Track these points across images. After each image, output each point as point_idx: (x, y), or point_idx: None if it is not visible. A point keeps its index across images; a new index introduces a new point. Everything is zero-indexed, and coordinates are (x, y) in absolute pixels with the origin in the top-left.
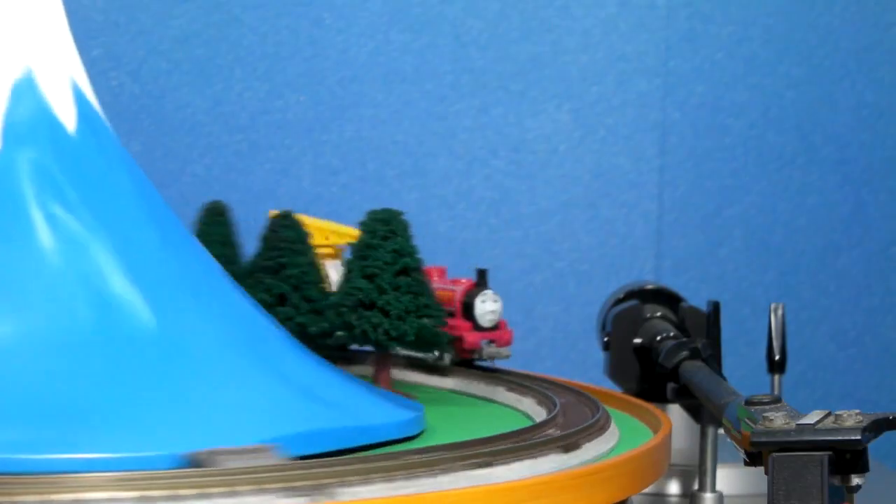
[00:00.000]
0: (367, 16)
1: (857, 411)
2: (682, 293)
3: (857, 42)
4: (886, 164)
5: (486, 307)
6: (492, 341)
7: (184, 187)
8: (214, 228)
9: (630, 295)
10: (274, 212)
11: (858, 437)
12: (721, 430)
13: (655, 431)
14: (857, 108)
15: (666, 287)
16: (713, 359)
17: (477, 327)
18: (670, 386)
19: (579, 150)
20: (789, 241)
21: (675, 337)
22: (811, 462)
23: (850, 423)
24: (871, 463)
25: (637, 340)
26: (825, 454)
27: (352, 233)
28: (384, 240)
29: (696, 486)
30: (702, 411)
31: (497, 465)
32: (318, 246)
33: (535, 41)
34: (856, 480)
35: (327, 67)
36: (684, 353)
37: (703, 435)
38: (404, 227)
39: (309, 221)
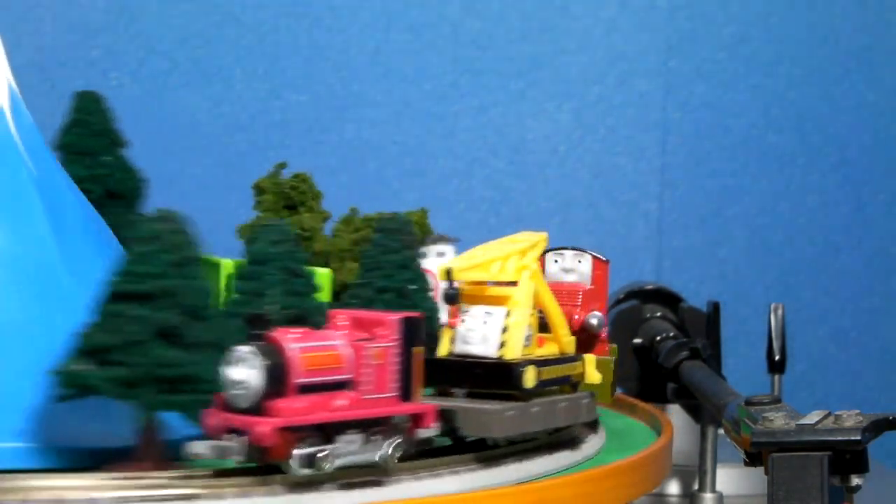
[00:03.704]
0: (367, 16)
1: (857, 411)
2: (682, 293)
3: (857, 42)
4: (886, 164)
5: None
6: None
7: (184, 187)
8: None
9: (630, 295)
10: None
11: (858, 438)
12: (721, 431)
13: (657, 434)
14: (857, 108)
15: (666, 287)
16: (713, 359)
17: None
18: (670, 386)
19: (579, 150)
20: (789, 241)
21: (675, 337)
22: (811, 462)
23: (850, 423)
24: (871, 463)
25: (637, 340)
26: (825, 454)
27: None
28: None
29: (696, 486)
30: (702, 411)
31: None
32: None
33: (535, 41)
34: (856, 481)
35: (327, 67)
36: (684, 353)
37: (703, 435)
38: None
39: None
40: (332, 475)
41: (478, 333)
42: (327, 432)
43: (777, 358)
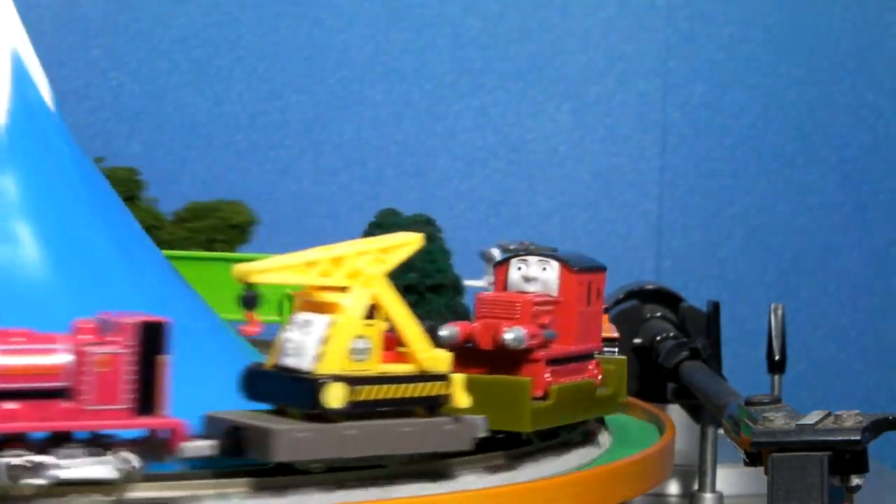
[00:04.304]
0: (367, 16)
1: (857, 411)
2: (682, 293)
3: (857, 42)
4: (886, 164)
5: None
6: None
7: (184, 187)
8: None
9: (630, 295)
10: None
11: (858, 438)
12: (721, 431)
13: (660, 433)
14: (857, 108)
15: (666, 287)
16: (713, 359)
17: None
18: (670, 386)
19: (579, 150)
20: (789, 241)
21: (675, 337)
22: (811, 462)
23: (850, 423)
24: (871, 463)
25: (637, 340)
26: (825, 454)
27: None
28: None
29: (696, 486)
30: (702, 411)
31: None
32: None
33: (535, 41)
34: (855, 481)
35: (327, 67)
36: (684, 353)
37: (703, 435)
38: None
39: None
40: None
41: (294, 344)
42: (42, 444)
43: (777, 358)
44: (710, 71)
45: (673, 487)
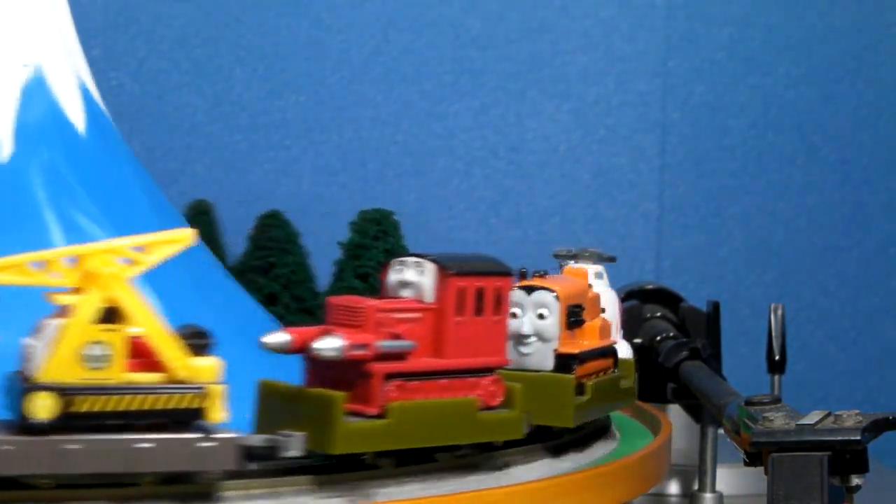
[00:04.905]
0: (367, 16)
1: (857, 411)
2: (682, 293)
3: (857, 42)
4: (886, 164)
5: None
6: None
7: (184, 187)
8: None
9: (630, 295)
10: None
11: (858, 438)
12: (721, 430)
13: (655, 434)
14: (857, 108)
15: (666, 287)
16: (713, 359)
17: None
18: (670, 386)
19: (579, 150)
20: (789, 241)
21: (675, 337)
22: (811, 462)
23: (849, 423)
24: (871, 463)
25: (637, 340)
26: (825, 454)
27: None
28: (375, 240)
29: (696, 486)
30: (702, 411)
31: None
32: None
33: (535, 41)
34: (855, 480)
35: (327, 67)
36: (684, 353)
37: (703, 435)
38: (395, 227)
39: None
40: None
41: (29, 350)
42: None
43: (777, 358)
44: (710, 71)
45: (673, 487)
